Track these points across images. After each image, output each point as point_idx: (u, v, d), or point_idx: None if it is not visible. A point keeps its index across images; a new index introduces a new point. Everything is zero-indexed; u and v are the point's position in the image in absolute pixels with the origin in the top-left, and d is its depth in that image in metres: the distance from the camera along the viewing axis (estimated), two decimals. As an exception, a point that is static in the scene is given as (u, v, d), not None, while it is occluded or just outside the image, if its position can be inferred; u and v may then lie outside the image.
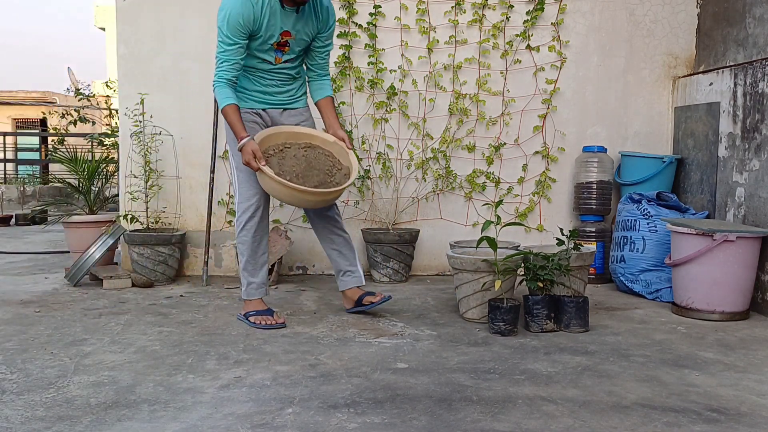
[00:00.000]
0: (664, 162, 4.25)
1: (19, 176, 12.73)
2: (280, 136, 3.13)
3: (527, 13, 4.47)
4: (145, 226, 4.35)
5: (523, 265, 3.23)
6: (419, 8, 4.45)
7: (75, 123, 11.22)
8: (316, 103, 3.26)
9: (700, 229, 3.34)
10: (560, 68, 4.52)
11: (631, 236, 3.95)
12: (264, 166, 2.90)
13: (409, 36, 4.48)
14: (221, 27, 2.92)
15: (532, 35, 4.50)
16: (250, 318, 3.16)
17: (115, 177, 5.75)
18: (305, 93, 3.32)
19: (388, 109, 4.48)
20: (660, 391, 2.30)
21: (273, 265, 4.17)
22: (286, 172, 2.98)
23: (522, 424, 2.00)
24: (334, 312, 3.43)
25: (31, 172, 13.23)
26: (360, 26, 4.43)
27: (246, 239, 3.17)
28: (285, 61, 3.12)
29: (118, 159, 4.72)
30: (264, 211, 3.17)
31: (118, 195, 4.90)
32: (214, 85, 2.99)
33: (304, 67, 3.29)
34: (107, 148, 8.91)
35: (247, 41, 2.95)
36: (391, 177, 4.52)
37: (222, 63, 2.96)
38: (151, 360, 2.60)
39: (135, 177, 4.37)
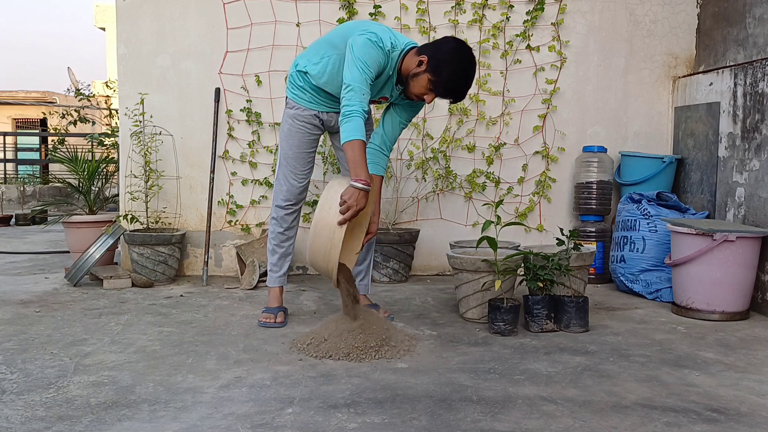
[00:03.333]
0: (664, 162, 4.25)
1: (19, 176, 12.74)
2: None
3: (527, 13, 4.47)
4: (145, 226, 4.35)
5: (523, 265, 3.23)
6: (419, 8, 4.45)
7: (75, 123, 11.23)
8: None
9: (700, 229, 3.34)
10: (560, 68, 4.52)
11: (631, 236, 3.96)
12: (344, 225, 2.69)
13: (410, 36, 4.47)
14: (365, 59, 2.77)
15: (532, 35, 4.50)
16: (261, 316, 3.20)
17: (115, 177, 5.75)
18: (372, 122, 3.29)
19: (388, 109, 4.48)
20: (660, 391, 2.30)
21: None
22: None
23: (522, 424, 2.00)
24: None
25: (31, 172, 13.23)
26: (360, 26, 4.43)
27: (277, 233, 3.23)
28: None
29: (118, 159, 4.72)
30: (295, 210, 3.22)
31: (118, 195, 4.90)
32: (351, 113, 2.75)
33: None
34: (107, 148, 8.91)
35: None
36: (391, 177, 4.52)
37: (357, 93, 2.76)
38: (151, 360, 2.60)
39: (135, 177, 4.37)
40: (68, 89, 14.36)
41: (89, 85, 13.89)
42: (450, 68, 2.78)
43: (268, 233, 3.28)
